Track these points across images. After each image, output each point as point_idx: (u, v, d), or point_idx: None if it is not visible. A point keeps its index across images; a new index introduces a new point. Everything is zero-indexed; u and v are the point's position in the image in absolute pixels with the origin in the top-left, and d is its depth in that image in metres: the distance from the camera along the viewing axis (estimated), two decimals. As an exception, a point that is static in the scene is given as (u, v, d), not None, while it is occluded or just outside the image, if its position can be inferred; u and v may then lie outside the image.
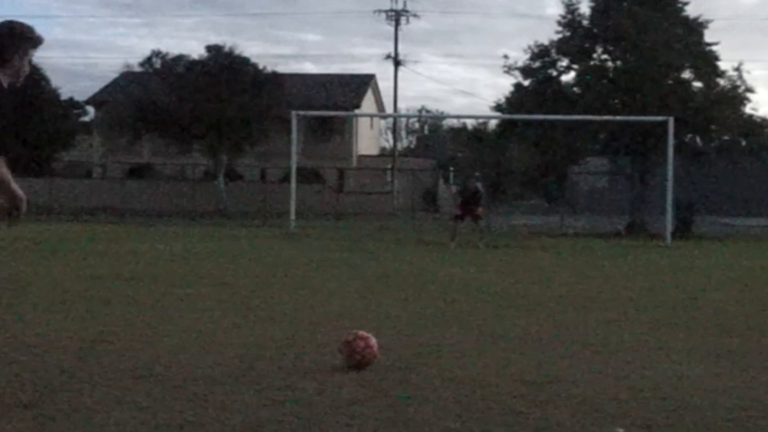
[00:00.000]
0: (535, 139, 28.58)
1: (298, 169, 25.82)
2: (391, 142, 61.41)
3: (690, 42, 27.24)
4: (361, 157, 50.44)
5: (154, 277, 10.69)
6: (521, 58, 29.12)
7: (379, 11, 48.70)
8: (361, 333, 5.49)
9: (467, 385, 4.97)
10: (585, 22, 28.33)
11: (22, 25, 4.53)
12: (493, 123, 32.92)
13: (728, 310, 8.67)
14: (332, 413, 4.30)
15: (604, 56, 28.67)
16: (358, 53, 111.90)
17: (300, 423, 4.13)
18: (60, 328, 6.59)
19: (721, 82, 27.73)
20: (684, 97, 26.57)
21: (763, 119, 28.56)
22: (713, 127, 27.48)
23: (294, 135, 25.05)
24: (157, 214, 33.00)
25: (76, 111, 47.04)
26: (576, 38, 28.29)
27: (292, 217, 24.01)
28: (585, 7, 28.34)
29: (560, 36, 28.55)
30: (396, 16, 48.23)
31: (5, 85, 4.35)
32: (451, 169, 52.93)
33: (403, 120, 78.01)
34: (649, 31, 26.48)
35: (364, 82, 50.50)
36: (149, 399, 4.50)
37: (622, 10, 27.17)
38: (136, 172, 45.47)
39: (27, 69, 4.51)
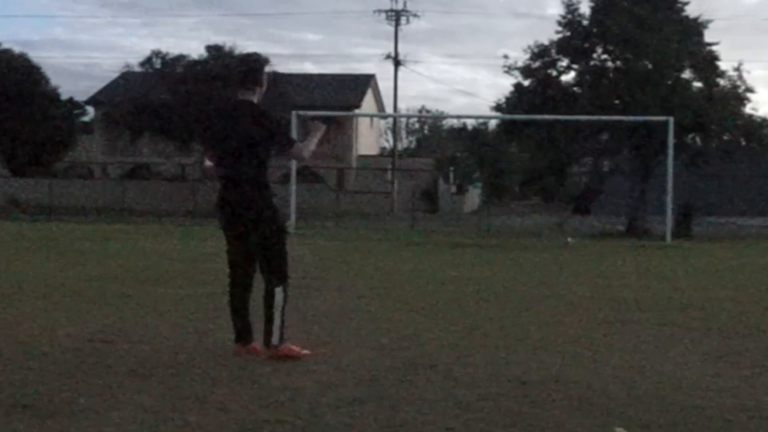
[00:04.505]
0: (535, 139, 28.55)
1: (298, 169, 25.82)
2: (391, 142, 61.45)
3: (690, 42, 27.22)
4: (361, 157, 50.40)
5: (154, 277, 10.68)
6: (521, 58, 29.09)
7: (379, 11, 48.71)
8: None
9: (467, 385, 4.97)
10: (585, 22, 28.31)
11: (258, 53, 5.75)
12: (493, 123, 32.87)
13: (728, 310, 8.66)
14: (332, 413, 4.30)
15: (604, 56, 28.65)
16: (358, 53, 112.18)
17: (300, 423, 4.13)
18: (60, 328, 6.59)
19: (721, 82, 27.72)
20: (684, 97, 26.55)
21: (763, 119, 28.57)
22: (713, 127, 27.47)
23: (294, 135, 25.05)
24: (157, 214, 32.98)
25: (76, 111, 46.97)
26: (576, 38, 28.27)
27: (292, 217, 23.99)
28: (585, 7, 28.34)
29: (560, 36, 28.54)
30: (396, 16, 48.21)
31: (258, 102, 5.40)
32: (451, 168, 52.91)
33: (403, 120, 78.06)
34: (649, 31, 26.46)
35: (364, 82, 50.47)
36: (149, 399, 4.50)
37: (622, 10, 27.14)
38: (136, 172, 45.45)
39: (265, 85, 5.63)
